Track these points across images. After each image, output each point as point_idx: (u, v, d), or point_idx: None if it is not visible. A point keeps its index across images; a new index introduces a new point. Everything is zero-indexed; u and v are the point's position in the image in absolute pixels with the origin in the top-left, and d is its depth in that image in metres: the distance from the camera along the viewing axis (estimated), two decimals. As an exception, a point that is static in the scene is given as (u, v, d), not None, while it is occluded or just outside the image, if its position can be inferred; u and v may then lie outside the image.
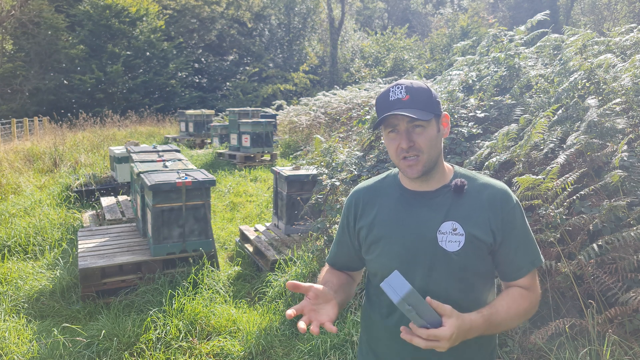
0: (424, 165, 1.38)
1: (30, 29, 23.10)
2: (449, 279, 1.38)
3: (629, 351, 2.36)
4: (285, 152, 12.64)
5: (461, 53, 5.75)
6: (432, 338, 1.19)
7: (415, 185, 1.46)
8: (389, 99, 1.37)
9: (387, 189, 1.52)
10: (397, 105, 1.35)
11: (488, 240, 1.39)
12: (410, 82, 1.40)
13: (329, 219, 4.24)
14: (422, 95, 1.37)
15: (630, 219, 2.59)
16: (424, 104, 1.36)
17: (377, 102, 1.42)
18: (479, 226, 1.39)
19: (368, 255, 1.50)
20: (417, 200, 1.45)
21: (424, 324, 1.20)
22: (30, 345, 3.53)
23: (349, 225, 1.57)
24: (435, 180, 1.44)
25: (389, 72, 22.79)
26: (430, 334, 1.19)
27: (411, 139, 1.36)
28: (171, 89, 26.60)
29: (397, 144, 1.38)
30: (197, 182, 4.65)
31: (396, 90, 1.37)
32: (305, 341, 3.39)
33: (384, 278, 1.44)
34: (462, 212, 1.40)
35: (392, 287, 1.17)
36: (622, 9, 16.93)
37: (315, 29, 32.61)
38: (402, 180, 1.50)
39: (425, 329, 1.20)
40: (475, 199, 1.42)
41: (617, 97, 3.09)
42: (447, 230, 1.38)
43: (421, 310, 1.19)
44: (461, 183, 1.42)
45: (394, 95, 1.37)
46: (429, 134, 1.37)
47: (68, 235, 5.94)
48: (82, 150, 11.46)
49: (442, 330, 1.20)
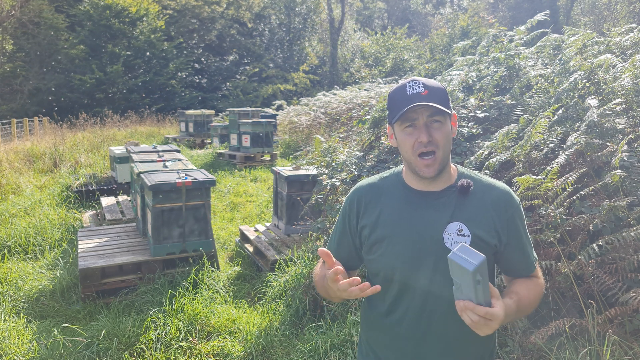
0: (440, 163, 1.37)
1: (30, 29, 23.10)
2: (451, 280, 1.38)
3: (629, 351, 2.36)
4: (285, 152, 12.64)
5: (461, 53, 5.75)
6: (488, 317, 1.17)
7: (422, 185, 1.45)
8: (406, 93, 1.36)
9: (390, 188, 1.50)
10: (417, 99, 1.34)
11: (493, 242, 1.40)
12: (425, 79, 1.39)
13: (329, 219, 4.24)
14: (439, 92, 1.37)
15: (630, 219, 2.58)
16: (441, 100, 1.36)
17: (392, 97, 1.40)
18: (484, 228, 1.40)
19: (370, 254, 1.48)
20: (423, 200, 1.44)
21: (480, 302, 1.19)
22: (30, 345, 3.53)
23: (350, 223, 1.54)
24: (442, 181, 1.44)
25: (389, 72, 22.79)
26: (488, 312, 1.17)
27: (430, 133, 1.35)
28: (171, 89, 26.59)
29: (415, 138, 1.36)
30: (197, 182, 4.65)
31: (414, 85, 1.36)
32: (306, 341, 3.39)
33: (386, 277, 1.44)
34: (467, 213, 1.40)
35: (463, 257, 1.16)
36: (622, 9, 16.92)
37: (316, 29, 32.61)
38: (407, 179, 1.48)
39: (482, 307, 1.17)
40: (479, 201, 1.42)
41: (617, 97, 3.09)
42: (453, 231, 1.38)
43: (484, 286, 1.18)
44: (467, 184, 1.42)
45: (412, 90, 1.36)
46: (446, 130, 1.37)
47: (68, 235, 5.94)
48: (82, 150, 11.46)
49: (497, 310, 1.18)
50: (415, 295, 1.41)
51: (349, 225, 1.54)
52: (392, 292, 1.45)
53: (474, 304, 1.17)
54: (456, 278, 1.20)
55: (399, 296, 1.44)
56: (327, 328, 3.44)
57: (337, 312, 3.61)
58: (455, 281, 1.21)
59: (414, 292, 1.41)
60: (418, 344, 1.43)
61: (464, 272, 1.16)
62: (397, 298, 1.45)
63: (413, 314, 1.42)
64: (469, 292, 1.18)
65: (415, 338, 1.43)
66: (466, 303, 1.18)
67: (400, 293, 1.44)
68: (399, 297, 1.44)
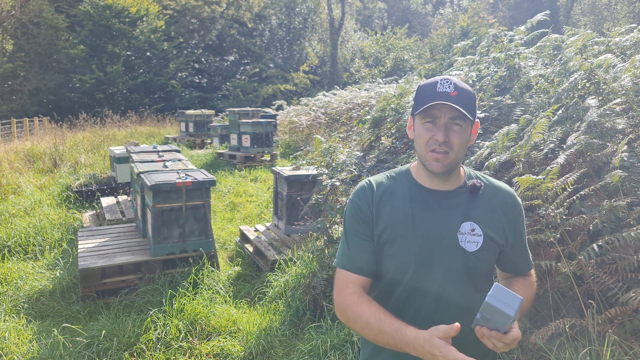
0: (450, 163, 1.37)
1: (30, 29, 23.09)
2: (464, 280, 1.39)
3: (629, 351, 2.36)
4: (285, 152, 12.64)
5: (461, 53, 5.75)
6: (513, 343, 1.21)
7: (433, 184, 1.44)
8: (436, 89, 1.35)
9: (399, 187, 1.47)
10: (444, 97, 1.33)
11: (501, 242, 1.43)
12: (458, 80, 1.39)
13: (329, 219, 4.24)
14: (468, 96, 1.37)
15: (630, 219, 2.58)
16: (468, 105, 1.36)
17: (421, 91, 1.40)
18: (494, 228, 1.42)
19: (379, 255, 1.45)
20: (434, 200, 1.43)
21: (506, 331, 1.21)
22: (30, 345, 3.53)
23: (366, 225, 1.44)
24: (452, 181, 1.44)
25: (389, 72, 22.80)
26: (514, 338, 1.20)
27: (447, 134, 1.35)
28: (171, 89, 26.58)
29: (431, 135, 1.36)
30: (197, 182, 4.65)
31: (445, 84, 1.36)
32: (306, 341, 3.39)
33: (396, 278, 1.43)
34: (478, 213, 1.42)
35: (501, 301, 1.17)
36: (622, 9, 16.93)
37: (316, 29, 32.60)
38: (418, 177, 1.47)
39: (508, 335, 1.20)
40: (487, 202, 1.44)
41: (617, 97, 3.09)
42: (466, 230, 1.39)
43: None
44: (479, 184, 1.43)
45: (442, 87, 1.35)
46: (464, 136, 1.37)
47: (68, 235, 5.94)
48: (82, 150, 11.45)
49: (518, 333, 1.22)
50: (426, 296, 1.40)
51: (365, 224, 1.44)
52: (401, 292, 1.43)
53: (501, 334, 1.20)
54: (487, 315, 1.20)
55: (409, 297, 1.42)
56: (327, 328, 3.44)
57: (337, 312, 3.61)
58: (484, 317, 1.21)
59: (425, 293, 1.40)
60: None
61: (503, 315, 1.17)
62: (407, 299, 1.42)
63: (425, 315, 1.39)
64: (500, 327, 1.20)
65: None
66: (492, 332, 1.21)
67: (410, 294, 1.41)
68: (408, 298, 1.42)
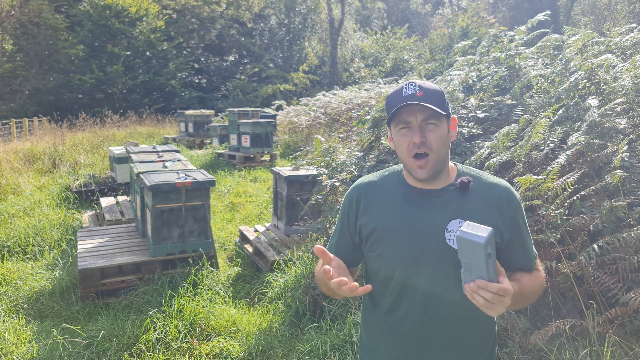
0: (433, 166, 1.38)
1: (30, 29, 23.09)
2: (453, 278, 1.38)
3: (629, 352, 2.35)
4: (285, 152, 12.63)
5: (461, 53, 5.75)
6: (502, 292, 1.16)
7: (422, 184, 1.45)
8: (402, 95, 1.37)
9: (390, 186, 1.51)
10: (411, 99, 1.35)
11: (495, 240, 1.40)
12: (423, 81, 1.40)
13: (329, 219, 4.24)
14: (435, 94, 1.38)
15: (630, 220, 2.58)
16: (436, 102, 1.37)
17: (389, 100, 1.42)
18: (487, 225, 1.39)
19: (370, 252, 1.49)
20: (423, 198, 1.44)
21: (492, 279, 1.16)
22: (29, 345, 3.53)
23: (349, 221, 1.54)
24: (441, 180, 1.45)
25: (389, 72, 22.80)
26: (501, 287, 1.15)
27: (424, 134, 1.36)
28: (171, 89, 26.57)
29: (409, 140, 1.37)
30: (197, 182, 4.64)
31: (409, 87, 1.38)
32: (305, 342, 3.38)
33: (387, 275, 1.45)
34: (469, 210, 1.41)
35: (471, 232, 1.15)
36: (622, 9, 16.92)
37: (315, 29, 32.60)
38: (407, 178, 1.49)
39: (495, 283, 1.16)
40: (481, 199, 1.43)
41: (617, 98, 3.08)
42: (454, 228, 1.38)
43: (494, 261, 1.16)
44: (467, 180, 1.42)
45: (408, 91, 1.37)
46: (440, 133, 1.38)
47: (67, 235, 5.93)
48: (82, 150, 11.45)
49: (508, 285, 1.17)
50: (417, 293, 1.42)
51: (347, 223, 1.55)
52: (393, 290, 1.46)
53: (486, 282, 1.16)
54: (465, 258, 1.18)
55: (400, 294, 1.45)
56: (327, 329, 3.43)
57: (337, 312, 3.61)
58: (464, 262, 1.19)
59: (416, 290, 1.42)
60: (421, 341, 1.44)
61: (474, 247, 1.14)
62: (399, 296, 1.45)
63: (416, 312, 1.43)
64: (480, 269, 1.16)
65: (419, 335, 1.44)
66: (477, 282, 1.17)
67: (401, 291, 1.44)
68: (400, 295, 1.45)
